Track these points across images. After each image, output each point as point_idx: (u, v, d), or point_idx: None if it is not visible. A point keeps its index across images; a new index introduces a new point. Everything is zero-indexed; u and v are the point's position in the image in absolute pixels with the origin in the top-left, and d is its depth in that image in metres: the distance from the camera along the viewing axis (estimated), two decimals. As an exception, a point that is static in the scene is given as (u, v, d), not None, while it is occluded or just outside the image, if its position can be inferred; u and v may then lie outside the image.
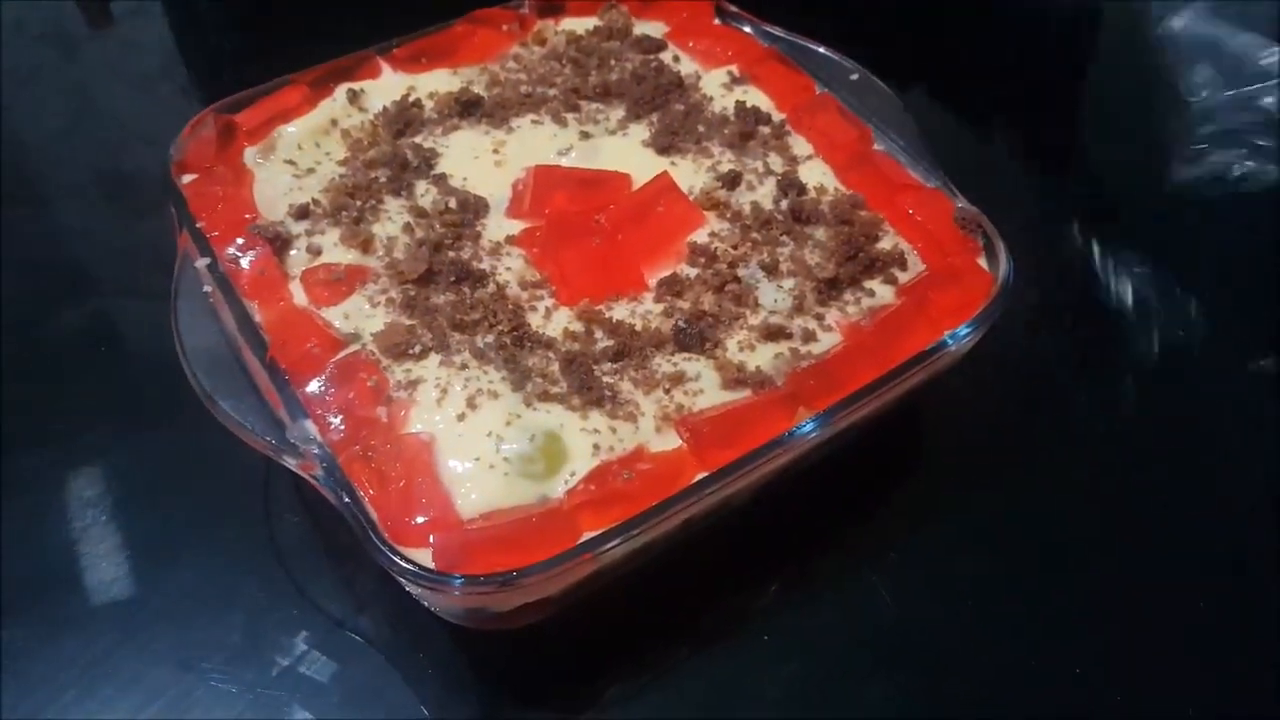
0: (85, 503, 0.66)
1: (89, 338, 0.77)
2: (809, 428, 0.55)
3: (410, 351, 0.57)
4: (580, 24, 0.80)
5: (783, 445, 0.54)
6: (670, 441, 0.55)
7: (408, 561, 0.49)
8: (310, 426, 0.54)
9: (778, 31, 0.80)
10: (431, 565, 0.50)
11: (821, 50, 0.77)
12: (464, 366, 0.57)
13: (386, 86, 0.73)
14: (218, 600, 0.62)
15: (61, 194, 0.87)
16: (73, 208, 0.86)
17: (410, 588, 0.51)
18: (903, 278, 0.64)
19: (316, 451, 0.53)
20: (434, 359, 0.57)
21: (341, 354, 0.57)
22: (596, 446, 0.54)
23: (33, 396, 0.72)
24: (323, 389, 0.55)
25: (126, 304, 0.79)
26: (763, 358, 0.59)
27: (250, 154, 0.68)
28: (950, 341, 0.60)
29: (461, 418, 0.54)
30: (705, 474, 0.53)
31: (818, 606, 0.63)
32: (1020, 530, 0.68)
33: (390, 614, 0.62)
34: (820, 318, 0.62)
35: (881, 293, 0.63)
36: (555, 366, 0.57)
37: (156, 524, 0.65)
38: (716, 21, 0.81)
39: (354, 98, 0.72)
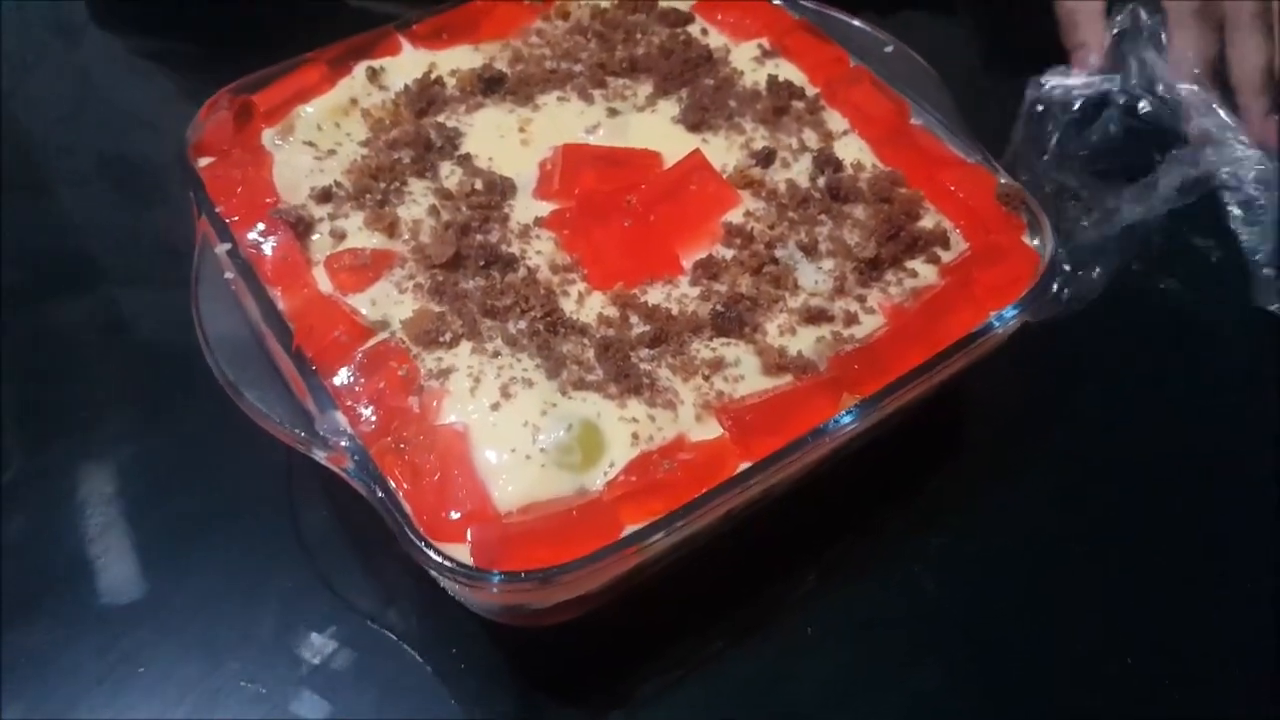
0: (103, 498, 0.64)
1: (98, 328, 0.75)
2: (854, 414, 0.53)
3: (441, 339, 0.55)
4: (604, -3, 0.78)
5: (828, 433, 0.53)
6: (711, 430, 0.53)
7: (445, 558, 0.47)
8: (339, 418, 0.52)
9: (808, 3, 0.77)
10: (469, 561, 0.48)
11: (854, 22, 0.75)
12: (497, 354, 0.55)
13: (407, 64, 0.71)
14: (244, 595, 0.60)
15: (66, 181, 0.85)
16: (77, 195, 0.84)
17: (447, 584, 0.50)
18: (945, 257, 0.62)
19: (346, 444, 0.51)
20: (465, 347, 0.55)
21: (370, 342, 0.55)
22: (635, 436, 0.52)
23: (42, 390, 0.70)
24: (351, 379, 0.53)
25: (136, 292, 0.77)
26: (804, 342, 0.57)
27: (268, 135, 0.66)
28: (997, 324, 0.58)
29: (496, 407, 0.53)
30: (749, 463, 0.52)
31: (858, 595, 0.61)
32: (1063, 514, 0.66)
33: (421, 608, 0.60)
34: (862, 299, 0.59)
35: (924, 273, 0.61)
36: (590, 353, 0.56)
37: (178, 519, 0.63)
38: (744, -8, 0.79)
39: (374, 76, 0.69)
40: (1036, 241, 0.62)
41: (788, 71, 0.73)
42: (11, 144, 0.87)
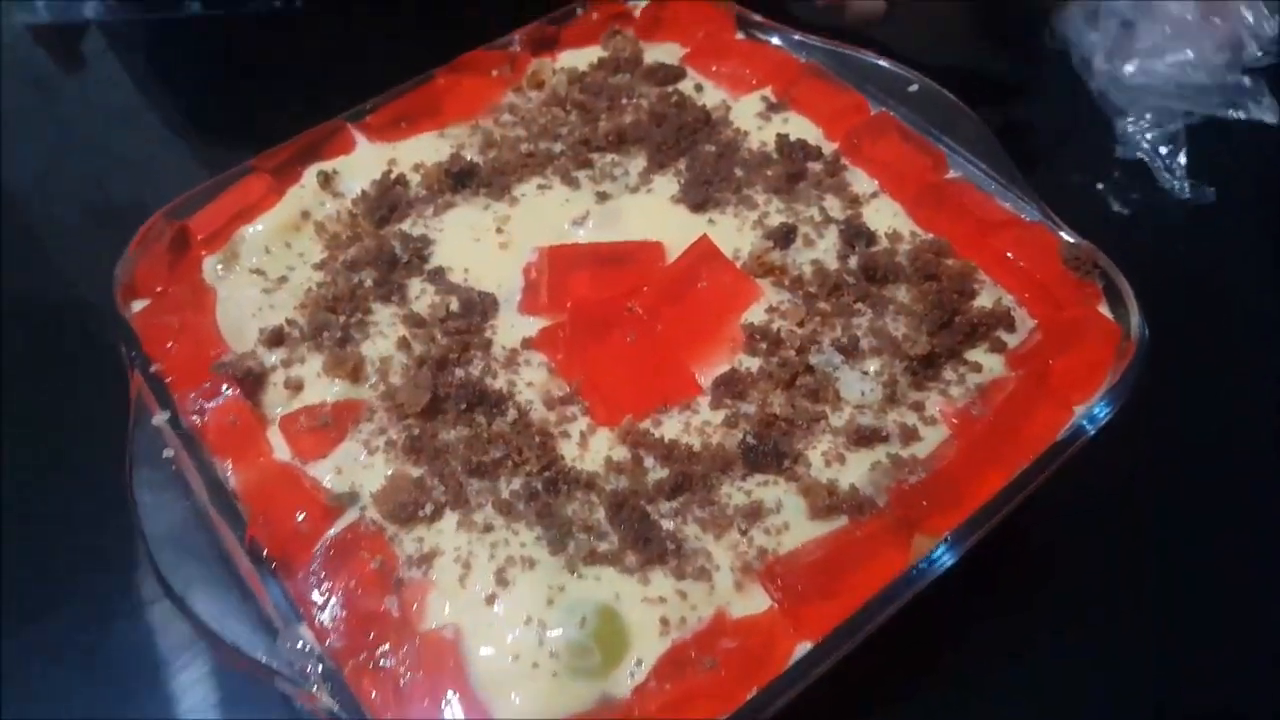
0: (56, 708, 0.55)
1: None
2: (933, 562, 0.44)
3: (420, 513, 0.46)
4: (581, 57, 0.68)
5: (899, 595, 0.43)
6: (756, 600, 0.44)
7: (443, 815, 0.38)
8: (306, 632, 0.43)
9: (814, 40, 0.67)
10: (474, 807, 0.39)
11: (873, 60, 0.65)
12: (488, 528, 0.46)
13: (362, 161, 0.62)
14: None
15: (53, 230, 0.79)
16: (65, 243, 0.77)
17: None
18: (1012, 341, 0.52)
19: (315, 668, 0.42)
20: (450, 520, 0.46)
21: (336, 527, 0.46)
22: (665, 621, 0.43)
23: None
24: (316, 580, 0.44)
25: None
26: (856, 471, 0.47)
27: (210, 265, 0.57)
28: (1088, 425, 0.48)
29: (492, 600, 0.43)
30: (809, 644, 0.42)
31: None
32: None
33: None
34: (919, 407, 0.50)
35: (989, 364, 0.52)
36: (600, 514, 0.46)
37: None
38: (740, 36, 0.69)
39: (326, 181, 0.60)
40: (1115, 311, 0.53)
41: (799, 126, 0.63)
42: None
